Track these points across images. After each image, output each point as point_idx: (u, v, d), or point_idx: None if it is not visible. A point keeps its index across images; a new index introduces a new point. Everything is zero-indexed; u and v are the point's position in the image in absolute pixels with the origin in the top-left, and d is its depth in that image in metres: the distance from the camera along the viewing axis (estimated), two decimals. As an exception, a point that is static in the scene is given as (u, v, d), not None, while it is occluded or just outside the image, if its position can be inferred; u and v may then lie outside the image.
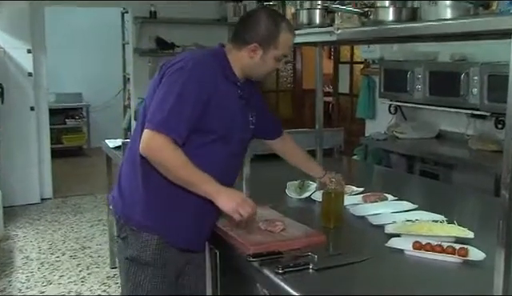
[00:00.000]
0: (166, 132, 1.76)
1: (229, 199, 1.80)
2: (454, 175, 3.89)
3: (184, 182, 1.80)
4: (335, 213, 2.15)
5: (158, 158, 1.79)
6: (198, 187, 1.80)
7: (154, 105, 1.80)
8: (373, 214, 2.25)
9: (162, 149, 1.77)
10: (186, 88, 1.79)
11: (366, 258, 1.78)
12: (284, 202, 2.54)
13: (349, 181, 2.71)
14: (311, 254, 1.77)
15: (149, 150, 1.78)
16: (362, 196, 2.51)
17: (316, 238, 1.94)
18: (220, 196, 1.80)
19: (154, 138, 1.77)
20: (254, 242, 1.84)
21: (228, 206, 1.80)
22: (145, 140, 1.78)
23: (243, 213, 1.80)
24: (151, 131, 1.77)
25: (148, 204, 1.89)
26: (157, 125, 1.76)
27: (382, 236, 1.99)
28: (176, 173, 1.79)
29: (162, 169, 1.80)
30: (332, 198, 2.15)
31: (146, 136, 1.78)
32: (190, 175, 1.79)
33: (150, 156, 1.80)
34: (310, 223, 2.11)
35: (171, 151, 1.77)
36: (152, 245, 1.89)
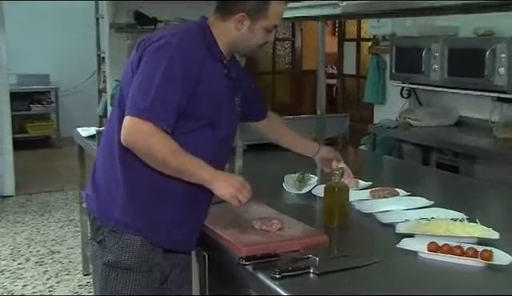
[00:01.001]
0: (152, 120, 1.77)
1: (226, 185, 1.84)
2: (477, 167, 3.91)
3: (176, 170, 1.82)
4: (339, 210, 2.15)
5: (144, 147, 1.79)
6: (192, 174, 1.83)
7: (135, 88, 1.80)
8: (382, 212, 2.26)
9: (148, 136, 1.77)
10: (172, 67, 1.79)
11: (374, 261, 1.78)
12: (281, 198, 2.54)
13: (355, 174, 2.71)
14: (312, 256, 1.78)
15: (133, 138, 1.78)
16: (370, 191, 2.52)
17: (317, 238, 1.94)
18: (217, 182, 1.83)
19: (138, 125, 1.77)
20: (247, 243, 1.85)
21: (226, 192, 1.84)
22: (127, 128, 1.78)
23: (242, 198, 1.85)
24: (134, 118, 1.77)
25: (129, 201, 1.89)
26: (141, 111, 1.76)
27: (393, 236, 2.00)
28: (166, 161, 1.80)
29: (149, 159, 1.81)
30: (335, 193, 2.16)
31: (129, 123, 1.78)
32: (183, 162, 1.81)
33: (134, 146, 1.80)
34: (311, 221, 2.11)
35: (159, 138, 1.78)
36: (135, 247, 1.90)
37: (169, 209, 1.92)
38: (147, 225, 1.90)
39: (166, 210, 1.91)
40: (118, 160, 1.89)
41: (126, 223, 1.89)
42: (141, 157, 1.81)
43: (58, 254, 4.77)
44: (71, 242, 5.04)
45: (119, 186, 1.90)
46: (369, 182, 2.66)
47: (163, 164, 1.81)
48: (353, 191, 2.45)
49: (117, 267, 1.91)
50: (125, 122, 1.79)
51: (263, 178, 2.91)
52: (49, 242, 5.05)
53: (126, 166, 1.89)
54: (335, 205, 2.15)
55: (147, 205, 1.90)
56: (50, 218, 5.69)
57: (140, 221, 1.90)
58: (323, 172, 2.58)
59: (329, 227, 2.12)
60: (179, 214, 1.94)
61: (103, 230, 1.93)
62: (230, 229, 1.98)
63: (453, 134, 4.54)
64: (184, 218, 1.95)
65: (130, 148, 1.81)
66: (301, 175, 2.66)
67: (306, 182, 2.63)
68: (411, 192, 2.51)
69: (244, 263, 1.75)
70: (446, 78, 4.44)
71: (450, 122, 4.76)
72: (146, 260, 1.91)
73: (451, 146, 4.19)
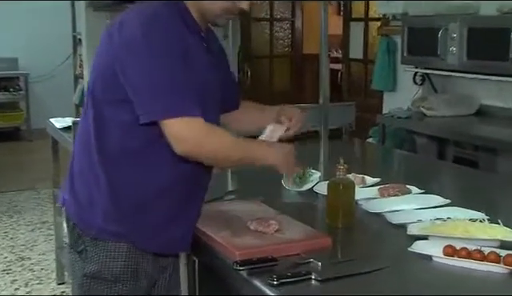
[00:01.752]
0: (190, 113, 1.81)
1: (277, 154, 2.03)
2: (498, 162, 3.92)
3: (236, 162, 2.01)
4: (344, 209, 2.16)
5: (207, 151, 1.86)
6: (252, 160, 1.99)
7: (144, 88, 1.80)
8: (392, 211, 2.26)
9: (206, 135, 1.84)
10: (167, 51, 1.80)
11: (383, 267, 1.79)
12: (279, 196, 2.55)
13: (362, 169, 2.72)
14: (314, 260, 1.78)
15: (192, 144, 1.83)
16: (379, 188, 2.52)
17: (320, 240, 1.95)
18: (270, 157, 2.01)
19: (184, 127, 1.80)
20: (242, 246, 1.85)
21: (277, 161, 2.02)
22: (176, 135, 1.81)
23: (291, 166, 2.07)
24: (173, 120, 1.79)
25: (112, 205, 1.89)
26: (173, 110, 1.79)
27: (404, 238, 2.00)
28: (231, 158, 1.93)
29: (213, 161, 1.94)
30: (340, 191, 2.16)
31: (174, 129, 1.80)
32: (243, 151, 1.96)
33: (196, 152, 1.85)
34: (313, 222, 2.12)
35: (214, 134, 1.87)
36: (121, 255, 1.90)
37: (158, 209, 1.92)
38: (134, 229, 1.91)
39: (155, 211, 1.92)
40: (97, 159, 1.89)
41: (111, 230, 1.89)
42: (203, 161, 1.90)
43: (29, 261, 4.77)
44: (43, 246, 5.04)
45: (100, 188, 1.89)
46: (377, 179, 2.67)
47: (224, 159, 1.94)
48: (359, 188, 2.45)
49: (100, 278, 1.91)
50: (167, 130, 1.81)
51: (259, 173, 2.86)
52: (18, 248, 5.04)
53: (106, 166, 1.88)
54: (340, 203, 2.16)
55: (133, 207, 1.90)
56: (20, 221, 5.69)
57: (126, 226, 1.90)
58: (326, 167, 2.58)
59: (332, 228, 2.12)
60: (170, 214, 1.94)
61: (84, 239, 1.93)
62: (223, 230, 1.98)
63: (472, 124, 4.55)
64: (175, 216, 1.95)
65: (189, 156, 1.86)
66: (301, 171, 2.66)
67: (307, 178, 2.64)
68: (425, 189, 2.52)
69: (238, 268, 1.75)
70: (464, 61, 4.44)
71: (469, 112, 4.77)
72: (133, 268, 1.92)
73: (470, 138, 4.20)
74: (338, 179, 2.19)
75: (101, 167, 1.89)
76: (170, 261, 2.07)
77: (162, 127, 1.81)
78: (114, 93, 1.85)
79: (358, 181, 2.58)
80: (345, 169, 2.20)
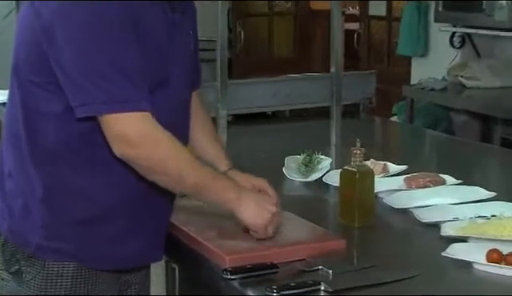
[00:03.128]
0: (139, 107, 1.79)
1: (257, 212, 1.92)
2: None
3: (191, 188, 1.91)
4: (361, 204, 2.17)
5: (158, 159, 1.82)
6: (213, 192, 1.91)
7: (78, 71, 1.75)
8: (422, 207, 2.27)
9: (160, 139, 1.82)
10: (109, 22, 1.77)
11: (410, 276, 1.79)
12: (281, 188, 2.53)
13: (383, 155, 2.73)
14: (323, 267, 1.78)
15: (139, 148, 1.80)
16: (405, 178, 2.53)
17: (331, 242, 1.96)
18: (244, 206, 1.92)
19: (132, 124, 1.78)
20: (233, 250, 1.86)
21: (256, 223, 1.92)
22: (120, 135, 1.78)
23: (271, 232, 1.94)
24: (116, 116, 1.77)
25: (53, 216, 1.88)
26: (117, 102, 1.77)
27: (437, 241, 2.01)
28: (185, 178, 1.86)
29: (160, 176, 1.85)
30: (356, 181, 2.17)
31: (118, 127, 1.78)
32: (201, 175, 1.89)
33: (143, 159, 1.82)
34: (322, 220, 2.13)
35: (170, 141, 1.83)
36: (65, 277, 1.90)
37: (111, 220, 1.90)
38: (81, 245, 1.90)
39: (107, 222, 1.90)
40: (28, 155, 1.88)
41: (51, 246, 1.88)
42: (147, 172, 1.84)
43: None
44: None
45: (35, 193, 1.88)
46: (403, 166, 2.68)
47: (177, 177, 1.86)
48: (380, 178, 2.46)
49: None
50: (104, 125, 1.78)
51: (256, 160, 2.92)
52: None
53: (40, 166, 1.87)
54: (356, 197, 2.16)
55: (79, 218, 1.89)
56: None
57: (70, 241, 1.89)
58: (339, 151, 2.59)
59: (347, 228, 2.13)
60: (127, 223, 1.92)
61: (19, 258, 1.92)
62: (209, 231, 1.98)
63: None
64: (135, 226, 1.94)
65: (137, 165, 1.83)
66: (307, 156, 2.67)
67: (315, 165, 2.65)
68: (463, 179, 2.52)
69: (228, 277, 1.75)
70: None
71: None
72: (81, 292, 1.91)
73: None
74: (353, 167, 2.19)
75: (33, 167, 1.87)
76: (136, 275, 2.07)
77: (101, 123, 1.78)
78: (44, 76, 1.82)
79: (379, 169, 2.59)
80: (362, 154, 2.20)
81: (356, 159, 2.19)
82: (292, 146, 2.74)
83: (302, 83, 3.92)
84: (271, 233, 1.93)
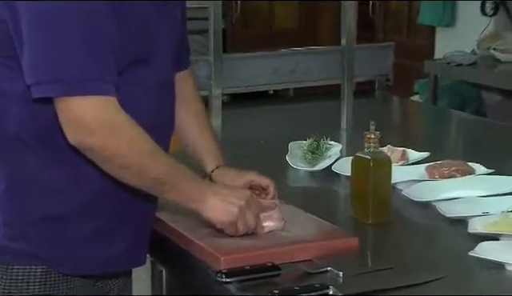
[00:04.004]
0: (103, 90, 1.78)
1: (223, 208, 1.92)
2: None
3: (152, 183, 1.89)
4: (377, 196, 2.17)
5: (116, 147, 1.81)
6: (177, 192, 1.90)
7: (35, 43, 1.75)
8: (447, 199, 2.28)
9: (121, 127, 1.80)
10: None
11: (433, 279, 1.79)
12: (284, 178, 2.56)
13: (402, 140, 2.72)
14: (332, 269, 1.78)
15: (97, 134, 1.78)
16: (427, 167, 2.54)
17: (341, 240, 1.96)
18: (208, 204, 1.91)
19: (91, 109, 1.77)
20: (229, 249, 1.86)
21: (221, 220, 1.92)
22: (76, 120, 1.77)
23: (242, 227, 1.92)
24: (75, 99, 1.75)
25: (14, 210, 1.89)
26: (77, 84, 1.76)
27: (464, 238, 2.01)
28: (147, 171, 1.85)
29: (118, 168, 1.83)
30: (371, 170, 2.17)
31: (75, 112, 1.76)
32: (169, 171, 1.89)
33: (100, 147, 1.80)
34: (331, 215, 2.14)
35: (133, 128, 1.82)
36: (32, 283, 1.89)
37: (84, 217, 1.91)
38: (50, 246, 1.90)
39: (79, 220, 1.90)
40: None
41: (14, 248, 1.89)
42: (103, 163, 1.83)
43: None
44: None
45: None
46: (425, 153, 2.68)
47: (138, 170, 1.84)
48: (399, 167, 2.47)
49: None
50: (58, 108, 1.77)
51: (254, 146, 2.95)
52: None
53: (5, 156, 1.88)
54: (370, 189, 2.16)
55: (47, 215, 1.89)
56: None
57: (37, 241, 1.89)
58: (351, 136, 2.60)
59: (360, 224, 2.14)
60: (102, 222, 1.93)
61: None
62: (202, 228, 1.97)
63: None
64: (112, 225, 1.94)
65: (92, 154, 1.81)
66: (314, 142, 2.67)
67: (323, 152, 2.65)
68: (495, 169, 2.53)
69: (223, 280, 1.74)
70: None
71: None
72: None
73: None
74: (367, 154, 2.18)
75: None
76: (114, 282, 2.06)
77: (56, 106, 1.77)
78: (5, 50, 1.82)
79: (397, 156, 2.59)
80: (377, 139, 2.19)
81: (370, 145, 2.18)
82: (296, 130, 2.74)
83: (307, 58, 3.91)
84: (242, 229, 1.93)
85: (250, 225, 1.94)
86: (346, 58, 3.10)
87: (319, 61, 3.81)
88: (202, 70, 2.98)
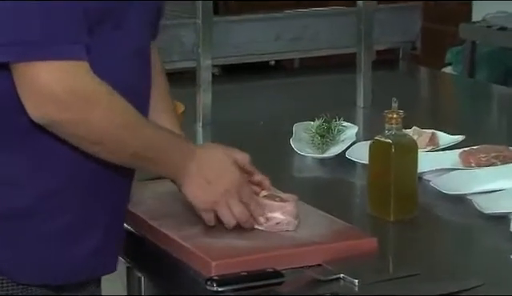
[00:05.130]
0: (72, 54, 1.77)
1: (202, 187, 1.96)
2: None
3: (130, 160, 1.93)
4: (400, 189, 2.18)
5: (94, 121, 1.81)
6: (153, 164, 1.96)
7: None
8: (485, 192, 2.28)
9: (96, 97, 1.81)
10: None
11: (468, 287, 1.79)
12: (288, 167, 2.58)
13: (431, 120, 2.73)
14: (346, 275, 1.79)
15: (67, 108, 1.78)
16: (462, 153, 2.54)
17: (357, 242, 1.96)
18: (189, 178, 1.96)
19: (58, 77, 1.76)
20: (222, 252, 1.87)
21: (197, 203, 1.97)
22: (41, 90, 1.76)
23: (226, 215, 1.96)
24: (38, 64, 1.75)
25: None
26: (40, 46, 1.75)
27: (505, 239, 2.02)
28: (126, 145, 1.88)
29: (93, 145, 1.84)
30: (392, 157, 2.17)
31: (40, 80, 1.75)
32: (150, 142, 1.93)
33: (72, 122, 1.80)
34: (345, 211, 2.15)
35: (110, 96, 1.83)
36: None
37: (46, 212, 1.91)
38: (4, 250, 1.90)
39: (36, 218, 1.90)
40: None
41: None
42: (76, 139, 1.83)
43: None
44: None
45: None
46: (459, 137, 2.68)
47: (115, 145, 1.87)
48: (427, 154, 2.48)
49: None
50: (25, 78, 1.76)
51: (252, 128, 2.96)
52: None
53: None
54: (391, 179, 2.17)
55: (1, 212, 1.90)
56: None
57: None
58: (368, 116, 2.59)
59: (379, 222, 2.15)
60: (68, 218, 1.93)
61: None
62: (188, 226, 1.99)
63: None
64: (79, 222, 1.94)
65: (62, 131, 1.81)
66: (325, 124, 2.68)
67: (335, 135, 2.66)
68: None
69: (215, 289, 1.74)
70: None
71: None
72: None
73: None
74: (388, 137, 2.19)
75: None
76: (80, 292, 2.05)
77: (15, 74, 1.77)
78: None
79: (425, 140, 2.60)
80: (401, 119, 2.20)
81: (392, 126, 2.18)
82: (303, 108, 2.75)
83: (316, 21, 3.91)
84: (213, 221, 1.96)
85: (236, 214, 1.95)
86: (363, 21, 3.10)
87: (331, 25, 3.81)
88: (187, 37, 2.99)
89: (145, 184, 2.15)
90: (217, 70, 3.14)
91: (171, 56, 3.34)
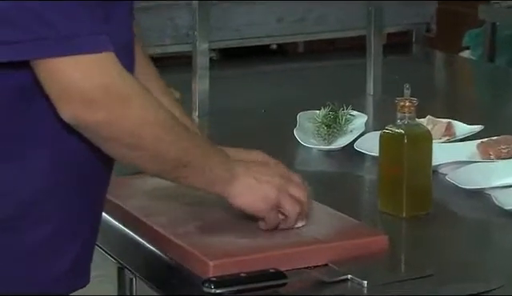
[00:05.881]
0: (100, 47, 1.76)
1: (257, 191, 1.95)
2: None
3: (167, 168, 1.91)
4: (412, 183, 2.18)
5: (129, 122, 1.81)
6: (196, 175, 1.92)
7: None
8: (505, 187, 2.29)
9: (132, 95, 1.81)
10: None
11: (487, 289, 1.79)
12: (291, 159, 2.56)
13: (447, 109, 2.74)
14: (354, 277, 1.80)
15: (94, 109, 1.75)
16: (480, 144, 2.55)
17: (366, 240, 1.97)
18: (238, 186, 1.94)
19: (88, 72, 1.76)
20: (221, 252, 1.87)
21: (257, 207, 1.95)
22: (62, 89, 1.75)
23: (290, 209, 1.95)
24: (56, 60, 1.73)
25: None
26: (57, 38, 1.73)
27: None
28: (164, 151, 1.86)
29: (128, 148, 1.84)
30: (405, 149, 2.18)
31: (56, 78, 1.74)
32: (190, 150, 1.90)
33: (106, 122, 1.78)
34: (353, 206, 2.17)
35: (142, 96, 1.83)
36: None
37: (26, 227, 1.90)
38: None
39: (21, 231, 1.89)
40: None
41: None
42: (110, 146, 1.83)
43: None
44: None
45: None
46: (477, 127, 2.69)
47: (153, 156, 1.86)
48: (442, 145, 2.50)
49: None
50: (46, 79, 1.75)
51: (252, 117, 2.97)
52: None
53: None
54: (404, 173, 2.18)
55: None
56: None
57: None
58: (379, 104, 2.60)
59: (391, 218, 2.15)
60: (48, 233, 1.92)
61: None
62: (184, 223, 2.00)
63: None
64: (56, 234, 1.94)
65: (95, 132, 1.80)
66: (331, 112, 2.69)
67: (343, 125, 2.67)
68: None
69: (213, 291, 1.74)
70: None
71: None
72: None
73: None
74: (400, 127, 2.20)
75: None
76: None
77: (39, 73, 1.76)
78: None
79: (441, 130, 2.61)
80: (414, 107, 2.21)
81: (405, 115, 2.19)
82: (308, 96, 2.76)
83: (322, 2, 3.89)
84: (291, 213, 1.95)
85: (302, 197, 1.96)
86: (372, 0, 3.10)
87: (337, 6, 3.80)
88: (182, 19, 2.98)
89: (135, 178, 2.15)
90: (214, 54, 3.13)
91: (163, 39, 3.33)
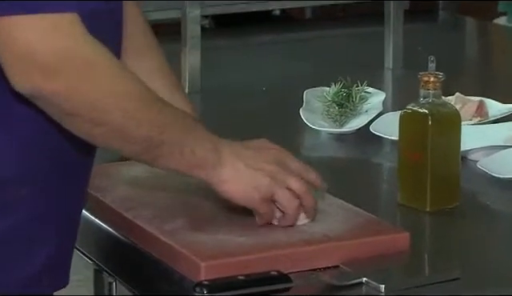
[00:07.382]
0: (51, 6, 1.76)
1: (249, 179, 1.94)
2: None
3: (139, 147, 1.90)
4: (437, 172, 2.20)
5: (86, 91, 1.80)
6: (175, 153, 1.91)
7: None
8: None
9: (87, 68, 1.79)
10: None
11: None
12: (296, 143, 2.60)
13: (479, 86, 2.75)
14: (369, 280, 1.81)
15: (51, 78, 1.75)
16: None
17: (384, 238, 1.98)
18: (227, 173, 1.94)
19: (44, 34, 1.76)
20: (214, 251, 1.87)
21: (249, 197, 1.95)
22: (16, 54, 1.76)
23: (286, 204, 1.95)
24: (10, 19, 1.74)
25: None
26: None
27: None
28: (132, 128, 1.85)
29: (88, 123, 1.82)
30: (429, 132, 2.19)
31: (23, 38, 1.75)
32: (164, 125, 1.89)
33: (62, 93, 1.77)
34: (370, 199, 2.18)
35: (108, 64, 1.83)
36: None
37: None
38: None
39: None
40: None
41: None
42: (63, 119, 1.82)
43: None
44: None
45: None
46: (511, 107, 2.72)
47: (119, 132, 1.86)
48: (473, 127, 2.52)
49: None
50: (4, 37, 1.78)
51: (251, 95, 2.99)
52: None
53: None
54: (427, 160, 2.20)
55: None
56: None
57: None
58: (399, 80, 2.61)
59: (412, 213, 2.17)
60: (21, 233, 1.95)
61: None
62: (172, 219, 2.01)
63: None
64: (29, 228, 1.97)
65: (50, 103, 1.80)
66: (344, 90, 2.71)
67: (356, 104, 2.69)
68: None
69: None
70: None
71: None
72: None
73: None
74: (424, 107, 2.21)
75: None
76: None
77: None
78: None
79: (471, 110, 2.63)
80: (439, 84, 2.22)
81: (429, 92, 2.20)
82: (316, 70, 2.77)
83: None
84: (276, 210, 1.95)
85: (299, 188, 1.95)
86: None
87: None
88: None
89: (115, 166, 2.17)
90: (207, 21, 3.15)
91: (146, 4, 3.31)
